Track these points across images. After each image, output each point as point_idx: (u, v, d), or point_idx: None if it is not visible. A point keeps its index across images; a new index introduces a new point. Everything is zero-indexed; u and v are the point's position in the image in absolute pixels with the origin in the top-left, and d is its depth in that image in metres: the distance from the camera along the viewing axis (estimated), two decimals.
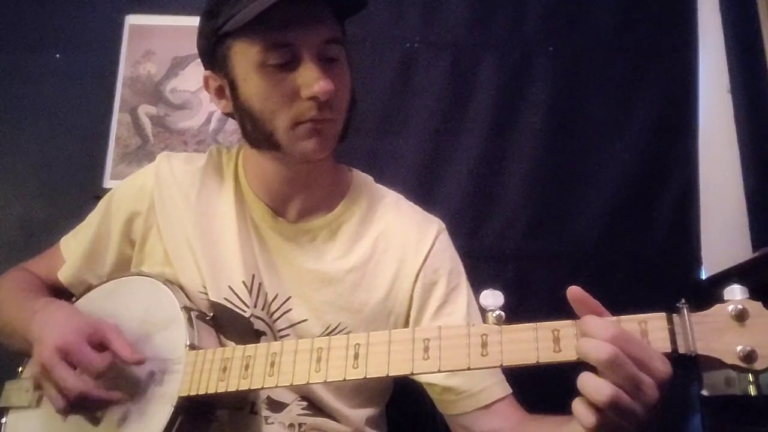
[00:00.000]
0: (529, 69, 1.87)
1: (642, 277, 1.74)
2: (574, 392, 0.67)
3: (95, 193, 1.75)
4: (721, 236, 1.77)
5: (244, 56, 0.92)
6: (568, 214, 1.80)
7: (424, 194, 1.71)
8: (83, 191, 1.76)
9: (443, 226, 1.08)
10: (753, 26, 1.74)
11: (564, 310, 0.74)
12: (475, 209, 1.80)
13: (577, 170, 1.82)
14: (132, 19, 1.92)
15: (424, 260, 1.01)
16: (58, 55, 1.90)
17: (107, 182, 1.81)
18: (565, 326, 0.69)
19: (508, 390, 0.96)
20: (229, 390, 0.81)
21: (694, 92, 1.86)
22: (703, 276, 1.76)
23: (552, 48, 1.88)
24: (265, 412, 0.95)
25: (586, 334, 0.66)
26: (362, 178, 1.11)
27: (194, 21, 0.98)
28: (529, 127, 1.84)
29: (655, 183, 1.81)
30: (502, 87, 1.86)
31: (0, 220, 1.82)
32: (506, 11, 1.90)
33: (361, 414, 1.00)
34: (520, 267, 1.77)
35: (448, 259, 1.04)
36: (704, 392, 1.63)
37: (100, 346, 0.85)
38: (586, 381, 0.65)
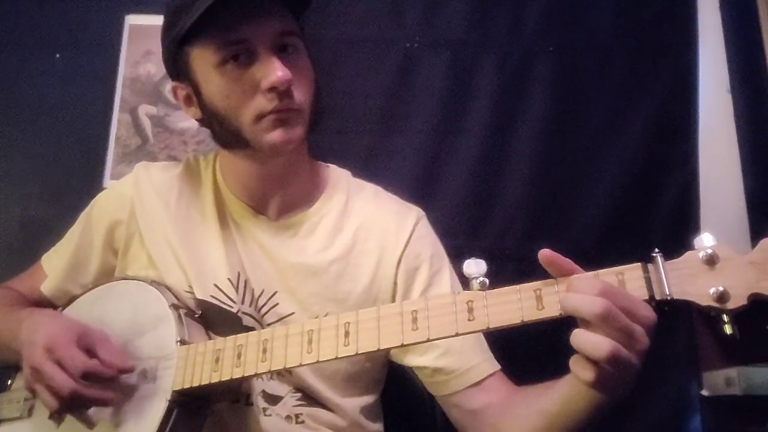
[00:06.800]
0: (529, 69, 1.87)
1: None
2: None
3: (95, 193, 1.75)
4: (721, 236, 1.76)
5: (203, 59, 0.95)
6: (568, 214, 1.80)
7: (423, 194, 1.71)
8: (83, 191, 1.75)
9: (422, 213, 1.10)
10: (753, 26, 1.74)
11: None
12: (475, 209, 1.79)
13: (577, 170, 1.82)
14: (132, 19, 1.92)
15: (405, 246, 1.03)
16: (58, 55, 1.91)
17: (107, 182, 1.81)
18: (546, 285, 0.71)
19: (497, 366, 0.98)
20: (222, 379, 0.82)
21: (694, 92, 1.85)
22: None
23: (552, 48, 1.88)
24: (262, 404, 0.96)
25: (574, 291, 0.68)
26: (339, 172, 1.13)
27: None
28: (529, 127, 1.84)
29: (655, 183, 1.81)
30: (501, 87, 1.86)
31: (0, 220, 1.81)
32: (506, 11, 1.90)
33: (355, 403, 1.01)
34: (520, 267, 1.76)
35: (428, 244, 1.06)
36: (704, 392, 1.63)
37: (88, 351, 0.85)
38: (582, 338, 0.67)
